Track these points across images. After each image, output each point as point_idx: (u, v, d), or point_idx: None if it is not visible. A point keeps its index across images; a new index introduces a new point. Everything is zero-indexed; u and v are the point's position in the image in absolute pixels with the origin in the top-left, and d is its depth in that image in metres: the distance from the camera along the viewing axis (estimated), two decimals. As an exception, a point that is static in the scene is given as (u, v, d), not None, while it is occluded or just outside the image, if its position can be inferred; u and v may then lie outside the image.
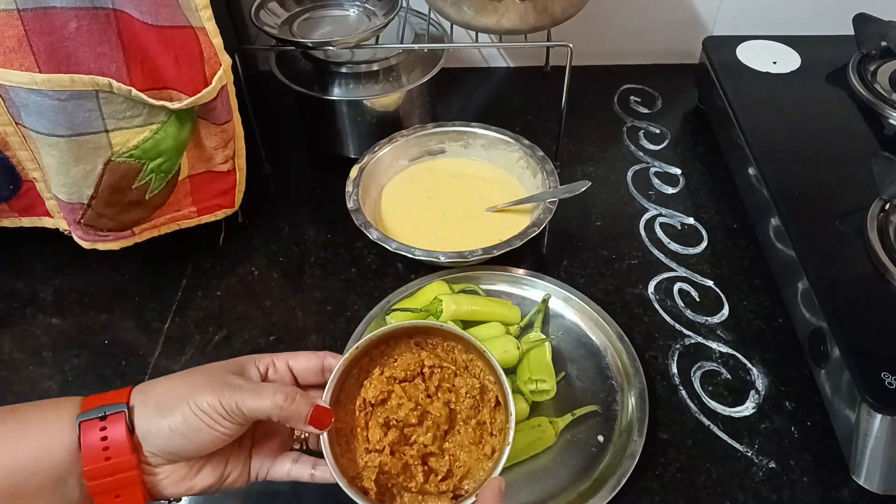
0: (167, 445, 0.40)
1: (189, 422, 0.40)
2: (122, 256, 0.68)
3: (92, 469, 0.39)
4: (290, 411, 0.41)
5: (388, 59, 0.78)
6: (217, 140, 0.64)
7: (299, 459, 0.46)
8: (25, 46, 0.52)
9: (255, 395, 0.41)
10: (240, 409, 0.40)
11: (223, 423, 0.40)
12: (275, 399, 0.41)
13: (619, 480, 0.53)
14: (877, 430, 0.51)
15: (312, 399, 0.43)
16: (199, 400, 0.40)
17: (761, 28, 0.87)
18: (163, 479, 0.42)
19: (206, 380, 0.41)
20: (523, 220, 0.69)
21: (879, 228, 0.61)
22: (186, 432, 0.40)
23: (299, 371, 0.46)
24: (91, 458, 0.39)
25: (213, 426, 0.40)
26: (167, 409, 0.40)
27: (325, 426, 0.43)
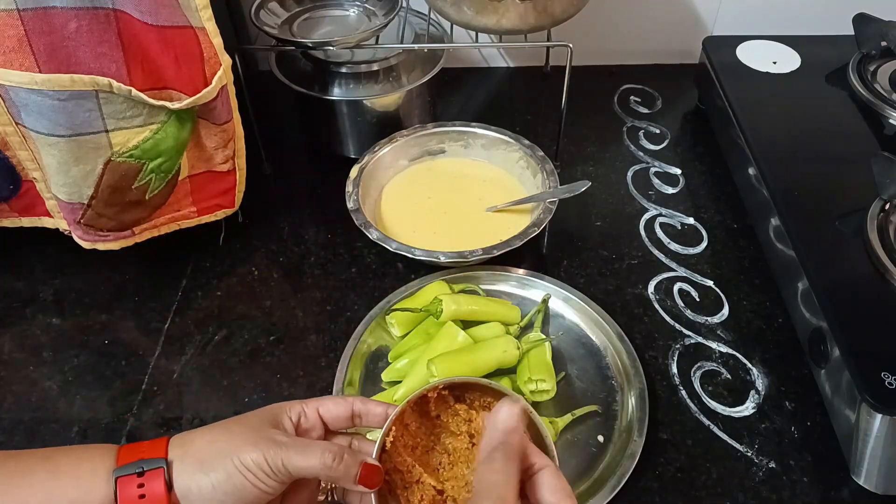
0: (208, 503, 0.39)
1: (233, 479, 0.39)
2: (122, 256, 0.68)
3: None
4: (338, 471, 0.40)
5: (388, 59, 0.78)
6: (217, 140, 0.64)
7: None
8: (25, 46, 0.52)
9: (303, 454, 0.40)
10: (286, 468, 0.39)
11: (267, 481, 0.39)
12: (324, 459, 0.40)
13: (619, 480, 0.53)
14: (877, 430, 0.51)
15: (361, 457, 0.41)
16: (244, 457, 0.39)
17: (761, 28, 0.87)
18: None
19: (249, 435, 0.40)
20: (523, 220, 0.69)
21: (879, 228, 0.61)
22: (230, 490, 0.39)
23: (329, 418, 0.45)
24: None
25: (258, 484, 0.39)
26: (209, 465, 0.39)
27: (375, 485, 0.41)
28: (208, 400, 0.60)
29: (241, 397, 0.60)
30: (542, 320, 0.64)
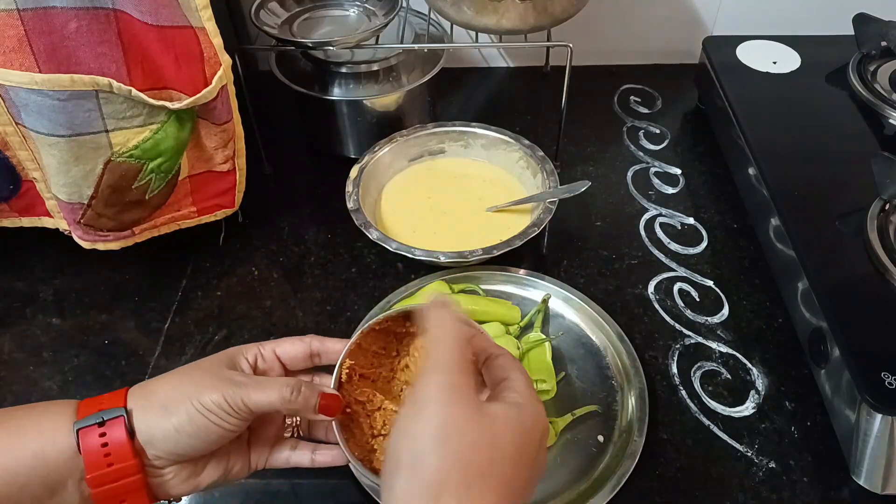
0: (174, 447, 0.40)
1: (195, 421, 0.40)
2: (122, 256, 0.68)
3: (95, 476, 0.38)
4: (298, 403, 0.41)
5: (388, 59, 0.78)
6: (217, 140, 0.64)
7: (297, 446, 0.47)
8: (25, 46, 0.52)
9: (262, 390, 0.41)
10: (246, 405, 0.40)
11: (229, 419, 0.40)
12: (282, 392, 0.41)
13: (619, 480, 0.53)
14: (877, 430, 0.51)
15: (319, 388, 0.43)
16: (204, 398, 0.40)
17: (761, 28, 0.87)
18: (169, 480, 0.42)
19: (207, 377, 0.41)
20: (523, 220, 0.69)
21: (879, 228, 0.61)
22: (193, 432, 0.40)
23: (287, 358, 0.46)
24: (93, 465, 0.38)
25: (220, 423, 0.40)
26: (171, 409, 0.40)
27: (335, 413, 0.43)
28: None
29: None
30: (542, 320, 0.64)
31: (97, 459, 0.38)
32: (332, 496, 0.54)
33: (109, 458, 0.38)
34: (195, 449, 0.41)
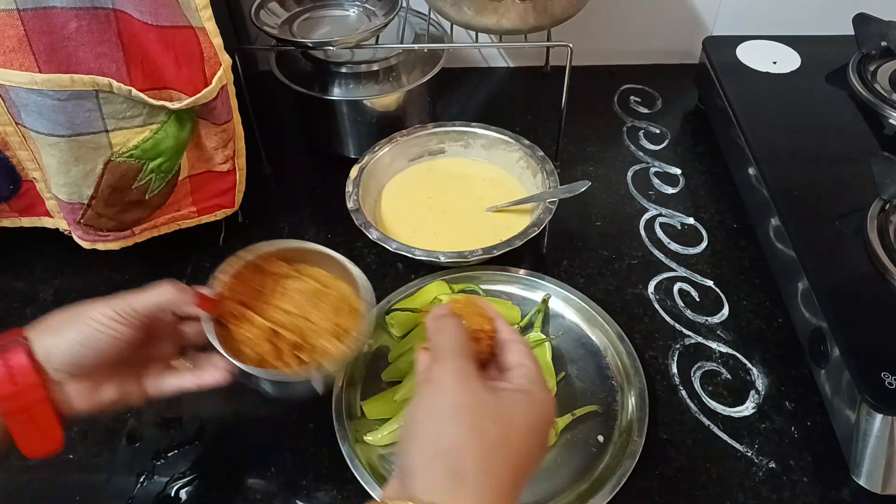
0: (68, 358, 0.44)
1: (83, 332, 0.44)
2: (122, 256, 0.68)
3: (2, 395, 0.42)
4: (178, 297, 0.47)
5: (388, 59, 0.78)
6: (217, 140, 0.64)
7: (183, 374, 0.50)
8: (25, 46, 0.52)
9: (145, 293, 0.46)
10: (132, 308, 0.45)
11: (116, 326, 0.44)
12: (165, 288, 0.47)
13: (619, 480, 0.53)
14: (877, 430, 0.51)
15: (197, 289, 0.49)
16: (92, 312, 0.44)
17: (761, 28, 0.87)
18: (71, 396, 0.45)
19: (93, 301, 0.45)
20: (523, 220, 0.69)
21: (879, 228, 0.61)
22: (82, 341, 0.44)
23: None
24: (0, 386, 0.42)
25: (107, 331, 0.44)
26: (62, 327, 0.44)
27: (209, 310, 0.49)
28: (208, 400, 0.60)
29: (241, 397, 0.60)
30: (542, 320, 0.64)
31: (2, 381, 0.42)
32: (333, 496, 0.54)
33: (14, 378, 0.42)
34: (89, 358, 0.44)
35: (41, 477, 0.56)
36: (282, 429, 0.59)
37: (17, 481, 0.56)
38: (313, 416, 0.58)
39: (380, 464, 0.55)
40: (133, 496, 0.55)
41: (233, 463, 0.57)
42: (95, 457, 0.57)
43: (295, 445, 0.57)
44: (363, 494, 0.52)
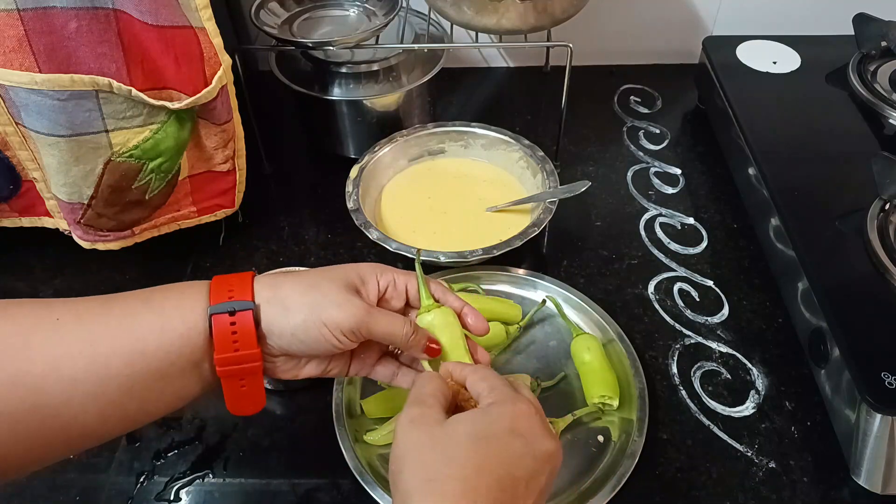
0: (285, 345, 0.43)
1: (310, 331, 0.43)
2: (122, 256, 0.68)
3: (222, 357, 0.42)
4: (413, 341, 0.46)
5: (388, 59, 0.78)
6: (217, 140, 0.64)
7: (401, 369, 0.50)
8: (25, 46, 0.52)
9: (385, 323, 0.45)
10: (368, 332, 0.44)
11: (342, 339, 0.43)
12: (405, 330, 0.45)
13: (619, 480, 0.53)
14: (877, 430, 0.51)
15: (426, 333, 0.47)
16: (325, 314, 0.43)
17: (761, 28, 0.87)
18: (278, 366, 0.45)
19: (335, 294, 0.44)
20: (523, 220, 0.69)
21: (879, 228, 0.60)
22: (305, 339, 0.43)
23: (413, 298, 0.49)
24: (222, 348, 0.42)
25: (331, 340, 0.43)
26: (292, 312, 0.43)
27: (435, 355, 0.47)
28: (208, 400, 0.60)
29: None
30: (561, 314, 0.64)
31: (226, 344, 0.42)
32: (332, 496, 0.54)
33: (237, 343, 0.42)
34: (301, 352, 0.44)
35: (41, 477, 0.56)
36: (282, 429, 0.59)
37: (17, 481, 0.56)
38: (313, 415, 0.59)
39: (380, 463, 0.55)
40: (133, 496, 0.55)
41: (233, 463, 0.57)
42: (95, 457, 0.57)
43: (295, 445, 0.57)
44: (363, 494, 0.52)
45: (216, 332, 0.42)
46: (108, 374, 0.39)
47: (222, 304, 0.42)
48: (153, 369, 0.40)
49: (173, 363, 0.41)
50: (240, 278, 0.44)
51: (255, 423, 0.59)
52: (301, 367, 0.46)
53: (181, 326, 0.41)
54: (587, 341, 0.61)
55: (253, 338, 0.42)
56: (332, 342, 0.43)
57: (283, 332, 0.43)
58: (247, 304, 0.42)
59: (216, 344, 0.42)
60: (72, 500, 0.55)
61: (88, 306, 0.41)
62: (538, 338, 0.64)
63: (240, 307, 0.42)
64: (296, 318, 0.43)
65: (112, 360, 0.39)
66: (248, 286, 0.43)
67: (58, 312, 0.40)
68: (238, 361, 0.42)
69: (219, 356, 0.42)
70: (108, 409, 0.40)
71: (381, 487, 0.52)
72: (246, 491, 0.55)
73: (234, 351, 0.42)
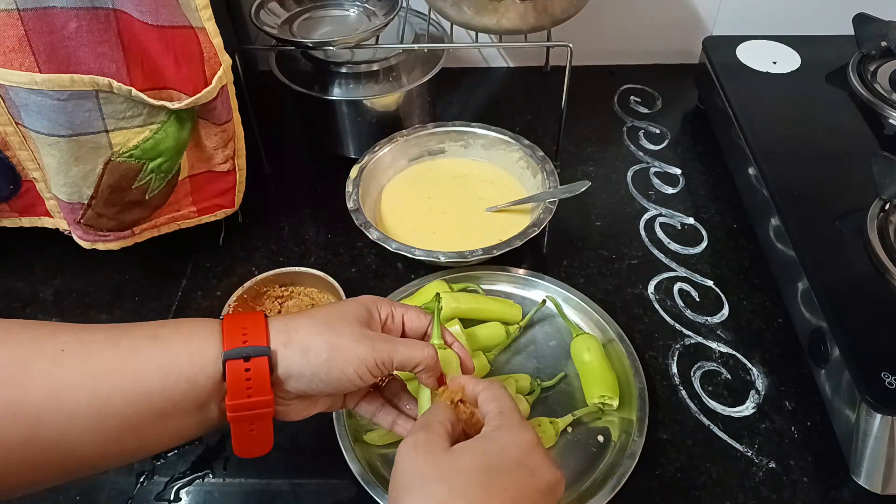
0: (305, 387, 0.43)
1: (332, 371, 0.42)
2: (122, 256, 0.68)
3: (235, 403, 0.41)
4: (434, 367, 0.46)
5: (388, 59, 0.78)
6: (217, 140, 0.64)
7: (383, 408, 0.50)
8: (25, 46, 0.52)
9: (409, 350, 0.44)
10: (392, 361, 0.44)
11: (365, 374, 0.43)
12: (428, 352, 0.45)
13: (619, 480, 0.53)
14: (877, 430, 0.51)
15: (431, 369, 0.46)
16: (349, 352, 0.42)
17: (761, 28, 0.87)
18: (290, 409, 0.45)
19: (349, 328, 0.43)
20: (523, 220, 0.69)
21: (879, 228, 0.60)
22: (327, 379, 0.42)
23: (409, 328, 0.49)
24: (235, 394, 0.41)
25: (354, 378, 0.43)
26: (312, 353, 0.42)
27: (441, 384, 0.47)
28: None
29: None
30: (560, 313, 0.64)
31: (239, 390, 0.41)
32: (332, 496, 0.54)
33: (250, 390, 0.41)
34: (322, 392, 0.44)
35: (41, 477, 0.56)
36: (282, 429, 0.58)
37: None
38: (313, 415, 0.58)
39: (379, 463, 0.55)
40: (133, 496, 0.55)
41: (233, 463, 0.57)
42: (95, 457, 0.57)
43: (295, 445, 0.57)
44: (363, 494, 0.52)
45: (230, 377, 0.41)
46: (109, 411, 0.38)
47: (237, 350, 0.41)
48: (155, 409, 0.40)
49: (177, 404, 0.40)
50: (253, 320, 0.43)
51: (255, 423, 0.59)
52: (312, 407, 0.46)
53: (188, 369, 0.40)
54: (587, 341, 0.61)
55: (267, 384, 0.41)
56: (355, 380, 0.43)
57: (302, 375, 0.42)
58: (263, 349, 0.41)
59: (229, 389, 0.41)
60: (72, 499, 0.55)
61: (95, 337, 0.40)
62: (538, 338, 0.64)
63: (254, 353, 0.41)
64: (318, 358, 0.42)
65: (113, 398, 0.39)
66: (263, 329, 0.42)
67: (62, 341, 0.39)
68: (250, 407, 0.42)
69: (231, 402, 0.41)
70: (107, 445, 0.39)
71: (381, 487, 0.52)
72: (246, 491, 0.55)
73: (247, 397, 0.41)
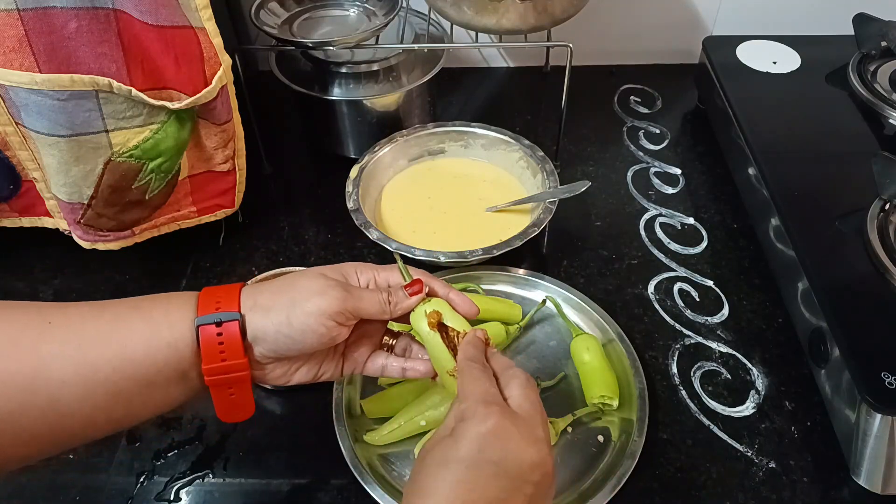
0: (273, 347, 0.44)
1: (296, 325, 0.43)
2: (122, 256, 0.68)
3: (210, 367, 0.43)
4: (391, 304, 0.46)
5: (388, 59, 0.78)
6: (217, 140, 0.64)
7: (390, 358, 0.50)
8: (25, 46, 0.52)
9: (367, 296, 0.46)
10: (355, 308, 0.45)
11: (328, 323, 0.44)
12: (380, 297, 0.46)
13: (619, 480, 0.53)
14: (877, 430, 0.51)
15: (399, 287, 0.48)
16: (307, 305, 0.43)
17: (761, 28, 0.87)
18: (268, 374, 0.46)
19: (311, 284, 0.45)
20: (523, 220, 0.69)
21: (879, 228, 0.60)
22: (291, 333, 0.43)
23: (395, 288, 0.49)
24: (209, 358, 0.42)
25: (318, 329, 0.43)
26: (272, 311, 0.43)
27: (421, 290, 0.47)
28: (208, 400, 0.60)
29: (241, 397, 0.60)
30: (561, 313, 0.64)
31: (213, 354, 0.42)
32: (333, 496, 0.54)
33: (224, 354, 0.43)
34: (290, 349, 0.44)
35: (41, 477, 0.56)
36: (282, 429, 0.59)
37: (17, 481, 0.56)
38: (313, 415, 0.58)
39: (379, 463, 0.55)
40: (133, 496, 0.55)
41: (233, 463, 0.57)
42: (95, 457, 0.57)
43: (295, 445, 0.58)
44: (363, 494, 0.52)
45: (203, 342, 0.42)
46: (96, 378, 0.40)
47: (209, 316, 0.43)
48: (140, 376, 0.41)
49: (160, 371, 0.42)
50: (227, 290, 0.44)
51: (255, 423, 0.59)
52: (292, 374, 0.47)
53: (168, 336, 0.42)
54: (587, 341, 0.61)
55: (239, 347, 0.43)
56: (319, 330, 0.43)
57: (267, 334, 0.43)
58: (233, 314, 0.43)
59: (203, 354, 0.42)
60: (72, 500, 0.55)
61: (80, 311, 0.42)
62: (538, 338, 0.64)
63: (226, 318, 0.43)
64: (279, 316, 0.43)
65: (100, 365, 0.40)
66: (235, 297, 0.44)
67: (49, 316, 0.41)
68: (226, 371, 0.43)
69: (206, 366, 0.42)
70: (95, 413, 0.40)
71: (380, 487, 0.52)
72: (246, 491, 0.55)
73: (221, 361, 0.43)
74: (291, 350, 0.44)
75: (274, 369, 0.46)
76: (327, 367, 0.48)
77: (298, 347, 0.44)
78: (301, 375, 0.47)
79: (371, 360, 0.50)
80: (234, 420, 0.46)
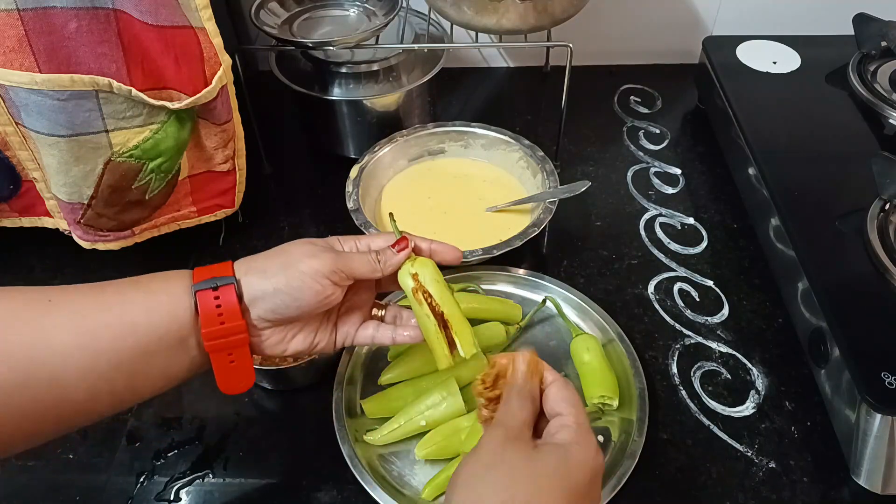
0: (271, 306, 0.45)
1: (293, 284, 0.45)
2: (122, 256, 0.68)
3: (209, 331, 0.44)
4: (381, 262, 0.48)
5: (388, 59, 0.78)
6: (217, 140, 0.64)
7: (380, 327, 0.52)
8: (25, 46, 0.52)
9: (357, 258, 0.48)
10: (348, 268, 0.46)
11: (324, 281, 0.45)
12: (369, 257, 0.48)
13: (619, 480, 0.53)
14: (877, 430, 0.51)
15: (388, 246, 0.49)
16: (302, 265, 0.45)
17: (761, 28, 0.87)
18: (265, 341, 0.47)
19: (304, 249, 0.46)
20: (523, 220, 0.69)
21: (879, 228, 0.61)
22: (289, 290, 0.45)
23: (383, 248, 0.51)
24: (208, 322, 0.44)
25: (314, 286, 0.45)
26: (270, 274, 0.45)
27: (407, 246, 0.50)
28: (208, 400, 0.60)
29: (240, 397, 0.60)
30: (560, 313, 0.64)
31: (211, 317, 0.44)
32: (332, 496, 0.54)
33: (222, 317, 0.44)
34: (289, 307, 0.45)
35: (41, 477, 0.56)
36: (282, 429, 0.59)
37: (17, 481, 0.56)
38: (313, 415, 0.59)
39: (379, 463, 0.55)
40: (133, 496, 0.55)
41: (233, 463, 0.57)
42: (95, 457, 0.57)
43: (295, 445, 0.58)
44: (363, 494, 0.52)
45: (201, 307, 0.43)
46: (98, 347, 0.41)
47: (206, 281, 0.44)
48: (141, 345, 0.42)
49: (161, 338, 0.43)
50: (220, 265, 0.46)
51: (255, 423, 0.59)
52: (288, 341, 0.48)
53: (167, 303, 0.43)
54: (587, 341, 0.61)
55: (237, 309, 0.44)
56: (315, 287, 0.45)
57: (265, 293, 0.45)
58: (229, 279, 0.45)
59: (202, 318, 0.43)
60: (72, 499, 0.55)
61: (79, 288, 0.43)
62: (538, 338, 0.64)
63: (222, 282, 0.44)
64: (276, 276, 0.45)
65: (101, 334, 0.41)
66: (229, 267, 0.46)
67: (49, 294, 0.42)
68: (224, 334, 0.44)
69: (205, 330, 0.44)
70: (98, 384, 0.41)
71: (380, 487, 0.52)
72: (246, 491, 0.55)
73: (219, 324, 0.44)
74: (290, 308, 0.45)
75: (271, 335, 0.47)
76: (322, 337, 0.49)
77: (297, 305, 0.45)
78: (297, 343, 0.48)
79: (361, 329, 0.51)
80: (234, 391, 0.47)
